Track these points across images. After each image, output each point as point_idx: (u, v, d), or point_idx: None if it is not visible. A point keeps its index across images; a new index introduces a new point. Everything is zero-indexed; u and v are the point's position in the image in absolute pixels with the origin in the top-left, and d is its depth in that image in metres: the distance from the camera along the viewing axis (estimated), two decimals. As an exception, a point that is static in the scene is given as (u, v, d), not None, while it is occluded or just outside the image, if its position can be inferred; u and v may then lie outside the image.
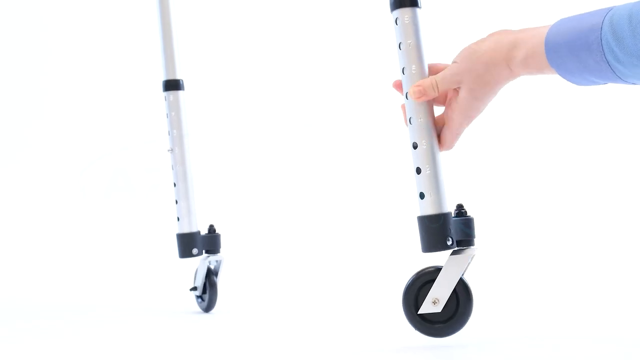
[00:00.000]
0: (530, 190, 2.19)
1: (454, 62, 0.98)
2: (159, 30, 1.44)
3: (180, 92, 1.43)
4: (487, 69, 0.95)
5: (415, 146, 0.99)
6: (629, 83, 0.87)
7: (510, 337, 1.07)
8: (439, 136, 1.01)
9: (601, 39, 0.84)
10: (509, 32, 0.95)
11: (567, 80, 0.91)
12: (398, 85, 1.03)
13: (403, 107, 1.02)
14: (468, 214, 0.98)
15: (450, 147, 1.01)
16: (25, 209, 2.32)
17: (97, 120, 2.38)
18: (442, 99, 1.02)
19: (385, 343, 1.07)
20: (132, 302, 1.61)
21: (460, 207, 0.98)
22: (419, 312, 0.98)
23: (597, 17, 0.86)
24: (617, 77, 0.86)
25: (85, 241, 2.20)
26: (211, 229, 1.41)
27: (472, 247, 0.97)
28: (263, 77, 2.36)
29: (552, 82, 1.04)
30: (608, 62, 0.85)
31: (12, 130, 2.41)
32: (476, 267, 1.09)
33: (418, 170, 0.99)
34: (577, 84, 0.92)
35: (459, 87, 0.98)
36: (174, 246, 1.43)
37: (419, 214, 0.99)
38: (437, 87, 0.98)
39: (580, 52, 0.87)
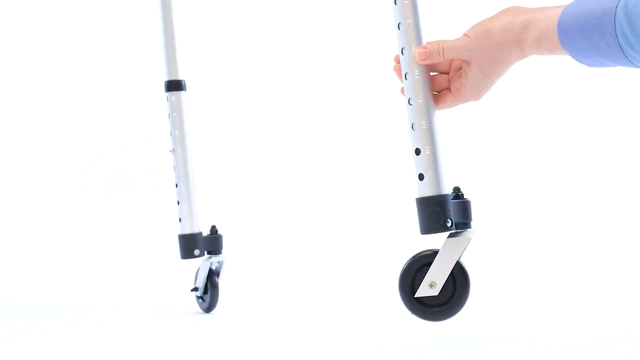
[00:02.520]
0: (532, 179, 2.19)
1: (465, 35, 0.98)
2: (161, 30, 1.44)
3: (182, 92, 1.43)
4: (499, 49, 0.95)
5: (414, 127, 1.00)
6: (639, 67, 0.88)
7: (510, 337, 1.07)
8: (437, 95, 1.02)
9: (615, 23, 0.85)
10: (521, 10, 0.96)
11: (578, 62, 0.92)
12: (398, 69, 1.03)
13: (401, 84, 1.03)
14: (465, 197, 0.98)
15: (445, 109, 1.02)
16: (25, 209, 2.31)
17: (97, 120, 2.38)
18: (445, 66, 1.02)
19: (386, 343, 1.07)
20: (132, 302, 1.61)
21: (457, 190, 0.99)
22: (415, 296, 0.98)
23: (611, 1, 0.87)
24: (628, 61, 0.87)
25: (85, 241, 2.19)
26: (213, 230, 1.41)
27: (469, 230, 0.97)
28: (264, 77, 2.36)
29: (558, 66, 1.05)
30: (620, 46, 0.86)
31: (12, 130, 2.40)
32: (474, 256, 1.10)
33: (417, 151, 0.99)
34: (587, 65, 0.93)
35: (467, 61, 0.98)
36: (175, 247, 1.43)
37: (418, 196, 0.99)
38: (443, 54, 0.99)
39: (592, 35, 0.88)
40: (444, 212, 0.97)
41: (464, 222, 0.97)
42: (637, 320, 1.20)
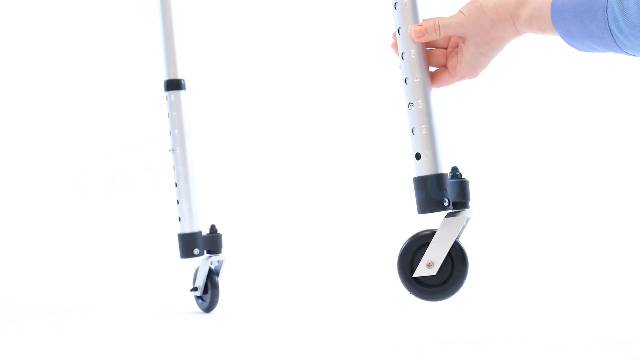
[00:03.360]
0: (532, 162, 2.19)
1: (460, 12, 0.99)
2: (161, 29, 1.44)
3: (182, 92, 1.43)
4: (493, 26, 0.96)
5: (411, 106, 1.00)
6: (629, 54, 0.89)
7: (510, 336, 1.07)
8: (434, 73, 1.02)
9: (607, 7, 0.86)
10: None
11: (568, 45, 0.93)
12: (396, 46, 1.04)
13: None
14: (463, 177, 0.98)
15: (443, 87, 1.03)
16: (25, 209, 2.31)
17: (97, 120, 2.38)
18: (443, 42, 1.03)
19: (385, 342, 1.07)
20: (132, 302, 1.61)
21: (455, 170, 0.98)
22: (413, 276, 0.98)
23: None
24: (618, 47, 0.88)
25: (85, 241, 2.19)
26: (213, 230, 1.41)
27: (467, 210, 0.97)
28: (264, 77, 2.36)
29: (557, 46, 1.05)
30: (611, 31, 0.87)
31: (12, 130, 2.40)
32: (473, 245, 1.09)
33: (414, 131, 0.99)
34: (577, 49, 0.93)
35: (463, 38, 0.99)
36: (174, 246, 1.42)
37: (415, 176, 0.99)
38: (439, 31, 1.00)
39: (585, 18, 0.88)
40: (441, 190, 0.97)
41: (462, 202, 0.97)
42: (638, 320, 1.20)
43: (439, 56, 1.03)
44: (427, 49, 1.03)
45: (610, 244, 1.91)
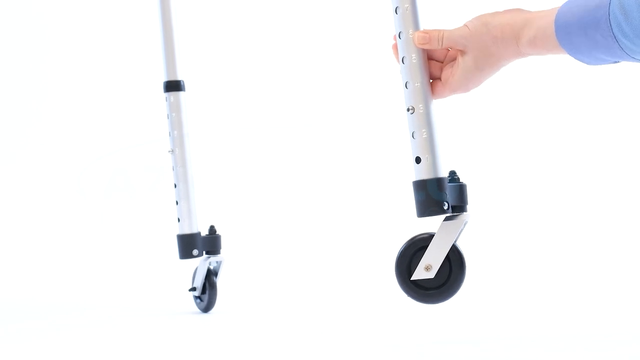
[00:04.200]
0: (532, 169, 2.19)
1: (465, 25, 1.00)
2: (160, 30, 1.44)
3: (181, 93, 1.43)
4: (494, 42, 0.97)
5: (411, 110, 1.00)
6: (636, 60, 0.89)
7: (510, 336, 1.07)
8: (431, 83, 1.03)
9: (609, 14, 0.87)
10: (523, 11, 0.97)
11: (577, 60, 0.94)
12: (396, 48, 1.04)
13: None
14: (461, 181, 0.98)
15: (434, 99, 1.03)
16: (24, 209, 2.31)
17: (97, 120, 2.38)
18: (441, 55, 1.04)
19: (385, 341, 1.07)
20: (130, 302, 1.61)
21: (453, 174, 0.99)
22: (411, 279, 0.98)
23: None
24: (624, 53, 0.88)
25: (84, 241, 2.19)
26: (212, 230, 1.41)
27: (465, 213, 0.97)
28: (264, 77, 2.36)
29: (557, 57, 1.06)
30: (615, 37, 0.87)
31: (12, 130, 2.40)
32: (472, 246, 1.10)
33: (414, 135, 1.00)
34: (586, 63, 0.94)
35: (462, 51, 0.99)
36: (173, 247, 1.43)
37: (415, 179, 0.99)
38: (442, 41, 1.00)
39: (588, 29, 0.89)
40: (441, 193, 0.98)
41: (459, 206, 0.97)
42: (638, 320, 1.20)
43: (434, 69, 1.04)
44: None
45: (610, 245, 1.91)
